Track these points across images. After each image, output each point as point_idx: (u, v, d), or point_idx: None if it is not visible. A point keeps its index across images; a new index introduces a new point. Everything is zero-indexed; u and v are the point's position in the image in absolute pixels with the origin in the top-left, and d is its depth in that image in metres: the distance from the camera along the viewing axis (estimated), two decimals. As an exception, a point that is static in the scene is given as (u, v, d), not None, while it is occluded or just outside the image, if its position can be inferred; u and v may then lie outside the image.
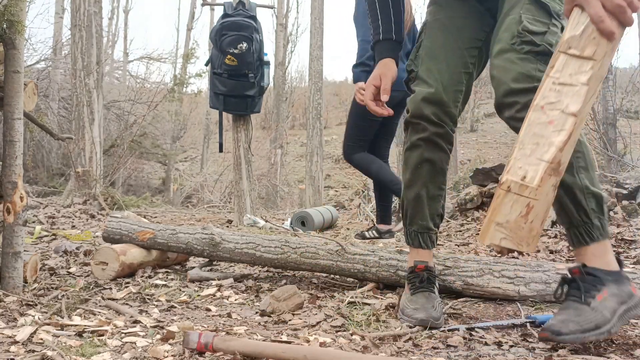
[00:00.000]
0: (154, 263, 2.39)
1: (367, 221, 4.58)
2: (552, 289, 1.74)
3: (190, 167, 16.55)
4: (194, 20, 16.67)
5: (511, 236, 1.14)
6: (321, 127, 10.68)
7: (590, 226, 1.39)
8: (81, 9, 7.21)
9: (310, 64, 10.63)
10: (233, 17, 4.00)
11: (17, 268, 1.89)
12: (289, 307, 1.72)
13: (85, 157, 6.70)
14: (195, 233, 2.28)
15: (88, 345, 1.39)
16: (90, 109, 7.07)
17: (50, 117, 9.23)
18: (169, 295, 1.97)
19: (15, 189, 1.87)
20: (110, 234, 2.40)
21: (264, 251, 2.14)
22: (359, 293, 1.92)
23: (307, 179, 10.62)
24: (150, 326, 1.57)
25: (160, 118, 12.22)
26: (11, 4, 1.81)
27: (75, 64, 7.19)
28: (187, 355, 1.31)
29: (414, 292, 1.64)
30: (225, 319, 1.68)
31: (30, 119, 2.21)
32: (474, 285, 1.82)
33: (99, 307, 1.79)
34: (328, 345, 1.38)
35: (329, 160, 16.40)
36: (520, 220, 1.13)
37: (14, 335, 1.43)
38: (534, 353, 1.34)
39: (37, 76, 9.94)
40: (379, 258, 1.98)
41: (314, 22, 10.57)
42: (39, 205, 5.00)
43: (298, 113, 19.69)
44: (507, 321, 1.59)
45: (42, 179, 9.89)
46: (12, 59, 1.87)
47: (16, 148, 1.88)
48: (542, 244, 2.90)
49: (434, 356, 1.33)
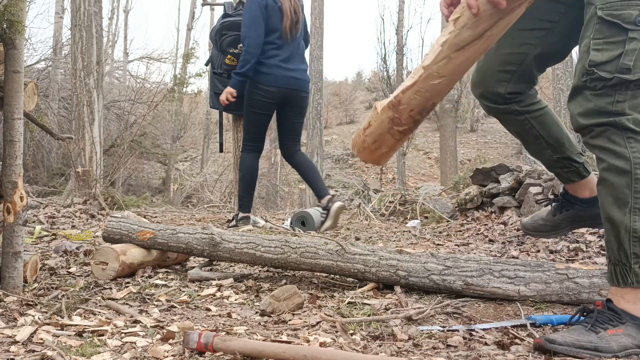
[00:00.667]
0: (154, 263, 2.39)
1: (367, 221, 4.58)
2: (552, 289, 1.75)
3: (190, 167, 16.55)
4: (194, 20, 16.69)
5: (354, 140, 1.45)
6: (321, 127, 10.68)
7: (627, 269, 1.35)
8: (81, 8, 7.21)
9: (310, 64, 10.63)
10: (233, 17, 4.01)
11: (17, 268, 1.89)
12: (289, 307, 1.72)
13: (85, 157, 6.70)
14: (195, 233, 2.28)
15: (88, 345, 1.39)
16: (90, 108, 7.07)
17: (50, 117, 9.23)
18: (169, 295, 1.97)
19: (16, 189, 1.87)
20: (110, 233, 2.40)
21: (264, 251, 2.14)
22: (359, 293, 1.92)
23: (307, 179, 10.61)
24: (150, 326, 1.57)
25: (161, 118, 12.23)
26: (11, 3, 1.81)
27: (76, 64, 7.19)
28: (187, 355, 1.31)
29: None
30: (225, 319, 1.67)
31: (31, 118, 2.21)
32: (474, 285, 1.82)
33: (99, 307, 1.79)
34: (328, 345, 1.38)
35: (329, 160, 16.41)
36: (361, 132, 1.41)
37: (14, 335, 1.43)
38: (534, 353, 1.34)
39: (37, 76, 9.94)
40: (379, 258, 1.98)
41: (314, 22, 10.57)
42: (39, 205, 4.99)
43: (298, 113, 19.67)
44: (508, 322, 1.59)
45: (42, 178, 9.89)
46: (12, 59, 1.87)
47: (16, 148, 1.88)
48: (542, 243, 2.90)
49: (434, 356, 1.33)
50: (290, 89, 3.56)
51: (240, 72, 3.51)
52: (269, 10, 3.48)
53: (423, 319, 1.62)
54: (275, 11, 3.48)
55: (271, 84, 3.51)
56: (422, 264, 1.91)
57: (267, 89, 3.52)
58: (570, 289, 1.74)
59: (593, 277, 1.74)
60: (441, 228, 3.86)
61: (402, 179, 11.63)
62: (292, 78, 3.56)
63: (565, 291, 1.74)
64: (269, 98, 3.54)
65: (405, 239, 3.36)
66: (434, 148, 16.74)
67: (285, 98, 3.56)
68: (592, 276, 1.75)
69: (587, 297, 1.72)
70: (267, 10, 3.48)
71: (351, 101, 22.84)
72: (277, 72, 3.52)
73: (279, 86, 3.52)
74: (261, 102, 3.57)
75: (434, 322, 1.62)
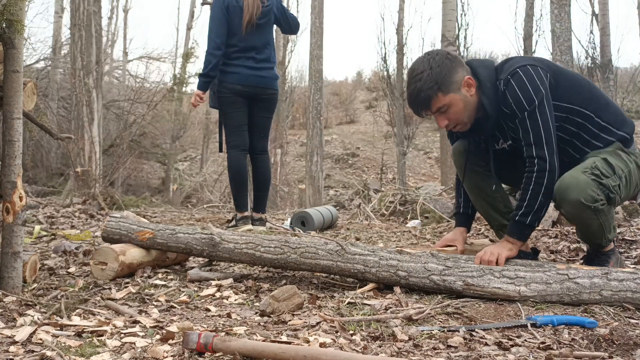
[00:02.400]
0: (154, 263, 2.39)
1: (367, 221, 4.58)
2: (553, 289, 1.74)
3: (189, 167, 16.54)
4: (193, 19, 16.67)
5: None
6: (321, 126, 10.67)
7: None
8: (80, 8, 7.21)
9: (310, 64, 10.62)
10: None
11: (16, 268, 1.88)
12: (289, 307, 1.71)
13: (85, 157, 6.70)
14: (195, 233, 2.27)
15: (87, 346, 1.39)
16: (90, 108, 7.06)
17: (49, 117, 9.22)
18: (169, 295, 1.96)
19: (15, 189, 1.87)
20: (109, 233, 2.40)
21: (264, 251, 2.13)
22: (359, 293, 1.92)
23: (307, 178, 10.62)
24: (150, 326, 1.56)
25: (160, 118, 12.22)
26: (11, 3, 1.80)
27: (75, 64, 7.19)
28: (187, 355, 1.31)
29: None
30: (225, 319, 1.67)
31: (30, 118, 2.20)
32: (474, 285, 1.81)
33: (98, 307, 1.78)
34: (328, 345, 1.37)
35: (329, 160, 16.40)
36: None
37: (13, 336, 1.43)
38: (535, 353, 1.34)
39: (37, 76, 9.94)
40: (379, 258, 1.97)
41: (314, 21, 10.56)
42: (38, 205, 4.99)
43: (298, 113, 19.69)
44: (508, 322, 1.59)
45: (41, 178, 9.89)
46: (12, 59, 1.86)
47: (15, 148, 1.87)
48: (543, 244, 2.89)
49: (434, 356, 1.33)
50: (255, 86, 3.60)
51: (204, 74, 3.58)
52: (230, 11, 3.50)
53: (423, 319, 1.62)
54: (237, 11, 3.50)
55: (235, 83, 3.58)
56: (422, 264, 1.90)
57: (232, 88, 3.59)
58: (571, 290, 1.73)
59: (594, 277, 1.74)
60: (441, 228, 3.86)
61: (403, 178, 11.62)
62: (258, 76, 3.60)
63: (565, 291, 1.74)
64: (235, 96, 3.61)
65: (405, 239, 3.36)
66: (434, 148, 16.74)
67: (252, 95, 3.61)
68: (592, 276, 1.74)
69: (588, 298, 1.72)
70: (229, 10, 3.50)
71: (351, 101, 22.82)
72: (242, 71, 3.57)
73: (243, 84, 3.57)
74: (229, 101, 3.62)
75: (434, 323, 1.61)
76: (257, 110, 3.73)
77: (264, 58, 3.65)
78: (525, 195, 1.99)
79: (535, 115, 1.96)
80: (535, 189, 1.96)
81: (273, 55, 3.76)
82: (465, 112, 2.04)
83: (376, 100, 21.23)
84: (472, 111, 2.05)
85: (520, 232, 2.01)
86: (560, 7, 6.01)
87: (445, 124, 2.07)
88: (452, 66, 2.00)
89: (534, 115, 1.96)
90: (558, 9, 6.02)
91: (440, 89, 1.97)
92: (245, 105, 3.68)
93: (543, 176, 1.95)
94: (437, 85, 1.97)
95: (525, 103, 1.96)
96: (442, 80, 1.97)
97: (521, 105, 1.97)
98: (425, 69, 1.98)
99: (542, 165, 1.95)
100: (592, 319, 1.57)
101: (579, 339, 1.45)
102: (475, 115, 2.07)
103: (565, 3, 6.05)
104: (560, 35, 5.98)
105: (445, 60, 2.01)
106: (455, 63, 2.02)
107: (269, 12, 3.63)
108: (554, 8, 6.07)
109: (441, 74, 1.97)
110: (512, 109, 1.99)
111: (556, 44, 6.06)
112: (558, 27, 5.98)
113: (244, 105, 3.68)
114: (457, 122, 2.07)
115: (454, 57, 2.05)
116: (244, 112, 3.70)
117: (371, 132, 19.59)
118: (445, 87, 1.98)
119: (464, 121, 2.07)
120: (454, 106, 2.01)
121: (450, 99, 1.99)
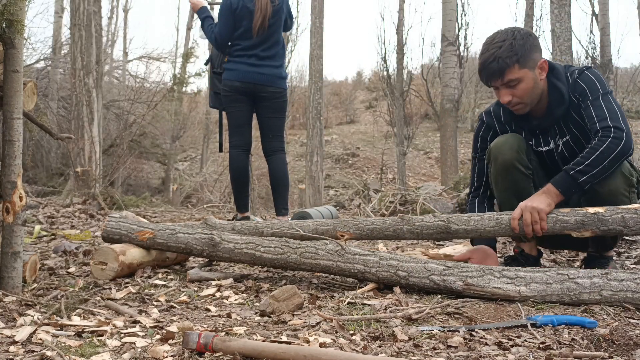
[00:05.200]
0: (154, 263, 2.39)
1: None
2: (553, 289, 1.74)
3: (190, 166, 16.55)
4: (193, 19, 16.65)
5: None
6: (321, 126, 10.68)
7: None
8: (80, 8, 7.20)
9: (310, 64, 10.63)
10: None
11: (16, 268, 1.88)
12: (289, 307, 1.71)
13: (85, 157, 6.70)
14: (195, 233, 2.27)
15: (87, 346, 1.39)
16: (90, 108, 7.06)
17: (49, 117, 9.22)
18: (169, 295, 1.96)
19: (15, 189, 1.87)
20: (109, 233, 2.40)
21: (264, 251, 2.13)
22: (359, 293, 1.92)
23: (307, 179, 10.62)
24: (150, 326, 1.56)
25: (160, 118, 12.21)
26: (11, 3, 1.80)
27: (75, 64, 7.19)
28: (187, 355, 1.31)
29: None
30: (225, 319, 1.67)
31: (30, 118, 2.21)
32: (474, 285, 1.81)
33: (98, 307, 1.78)
34: (328, 345, 1.37)
35: (329, 160, 16.40)
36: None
37: (13, 335, 1.43)
38: (535, 353, 1.34)
39: (37, 75, 9.94)
40: (379, 258, 1.97)
41: (314, 21, 10.57)
42: (38, 205, 4.99)
43: (298, 113, 19.69)
44: (508, 322, 1.59)
45: (41, 178, 9.89)
46: (12, 59, 1.86)
47: (15, 148, 1.87)
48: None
49: (434, 356, 1.33)
50: (254, 84, 3.60)
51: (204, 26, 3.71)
52: (238, 12, 3.52)
53: (423, 319, 1.62)
54: (246, 13, 3.52)
55: (234, 79, 3.60)
56: (422, 264, 1.90)
57: (231, 85, 3.61)
58: (571, 290, 1.73)
59: (594, 277, 1.74)
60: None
61: (403, 178, 11.62)
62: (257, 73, 3.61)
63: (566, 291, 1.73)
64: (236, 93, 3.61)
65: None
66: (434, 148, 16.74)
67: (252, 93, 3.61)
68: (592, 276, 1.74)
69: (588, 298, 1.72)
70: (237, 11, 3.53)
71: (351, 101, 22.83)
72: (240, 68, 3.61)
73: (241, 80, 3.59)
74: (230, 99, 3.63)
75: (434, 323, 1.61)
76: (261, 110, 3.72)
77: (268, 56, 3.64)
78: (591, 154, 1.91)
79: (609, 98, 2.01)
80: (605, 151, 1.90)
81: (281, 54, 3.74)
82: (532, 93, 2.05)
83: (376, 100, 21.23)
84: (537, 95, 2.07)
85: (568, 187, 1.94)
86: (560, 7, 6.02)
87: (509, 100, 2.07)
88: (534, 44, 2.04)
89: (607, 97, 2.00)
90: (558, 9, 6.02)
91: (519, 61, 2.00)
92: (247, 104, 3.68)
93: (618, 143, 1.89)
94: (517, 57, 1.99)
95: (599, 87, 2.01)
96: (523, 53, 2.00)
97: (595, 88, 2.01)
98: (508, 39, 2.01)
99: (619, 134, 1.91)
100: (592, 319, 1.57)
101: (579, 339, 1.45)
102: (539, 101, 2.08)
103: (565, 3, 6.06)
104: (560, 35, 5.98)
105: (529, 37, 2.05)
106: (537, 43, 2.07)
107: (280, 10, 3.62)
108: (554, 8, 6.07)
109: (524, 46, 2.00)
110: (585, 94, 2.02)
111: (556, 44, 6.07)
112: (558, 27, 5.99)
113: (246, 104, 3.67)
114: (521, 99, 2.06)
115: (535, 37, 2.09)
116: (246, 111, 3.70)
117: (371, 132, 19.60)
118: (523, 60, 2.00)
119: (526, 102, 2.07)
120: (524, 82, 2.02)
121: (524, 74, 2.01)
